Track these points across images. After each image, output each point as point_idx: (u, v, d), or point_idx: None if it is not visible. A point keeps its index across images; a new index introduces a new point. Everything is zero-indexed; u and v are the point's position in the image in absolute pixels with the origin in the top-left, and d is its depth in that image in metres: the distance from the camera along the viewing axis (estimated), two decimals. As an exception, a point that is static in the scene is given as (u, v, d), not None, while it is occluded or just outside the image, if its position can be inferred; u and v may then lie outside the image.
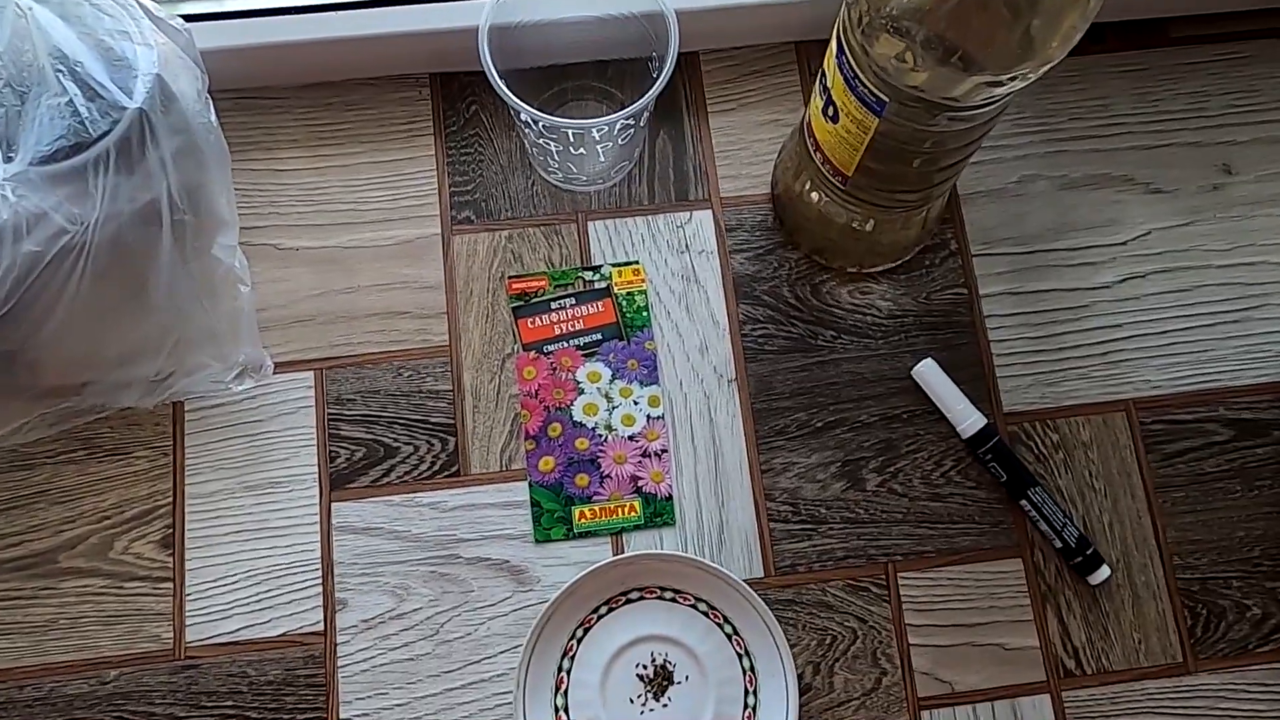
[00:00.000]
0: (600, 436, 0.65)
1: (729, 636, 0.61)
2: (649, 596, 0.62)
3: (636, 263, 0.68)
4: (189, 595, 0.61)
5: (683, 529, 0.64)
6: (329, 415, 0.64)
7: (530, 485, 0.64)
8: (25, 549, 0.62)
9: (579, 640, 0.61)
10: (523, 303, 0.67)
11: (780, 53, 0.72)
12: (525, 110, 0.58)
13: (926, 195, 0.60)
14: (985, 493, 0.65)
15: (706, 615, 0.62)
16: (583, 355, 0.66)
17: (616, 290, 0.67)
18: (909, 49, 0.47)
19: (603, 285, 0.67)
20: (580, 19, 0.64)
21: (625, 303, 0.67)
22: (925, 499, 0.64)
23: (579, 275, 0.67)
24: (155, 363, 0.58)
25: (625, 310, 0.67)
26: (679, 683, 0.61)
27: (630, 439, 0.65)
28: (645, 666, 0.61)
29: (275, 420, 0.64)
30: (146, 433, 0.64)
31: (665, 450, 0.65)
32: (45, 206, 0.47)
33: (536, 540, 0.63)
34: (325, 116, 0.69)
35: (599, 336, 0.66)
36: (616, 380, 0.66)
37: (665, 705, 0.60)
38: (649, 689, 0.61)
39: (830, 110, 0.56)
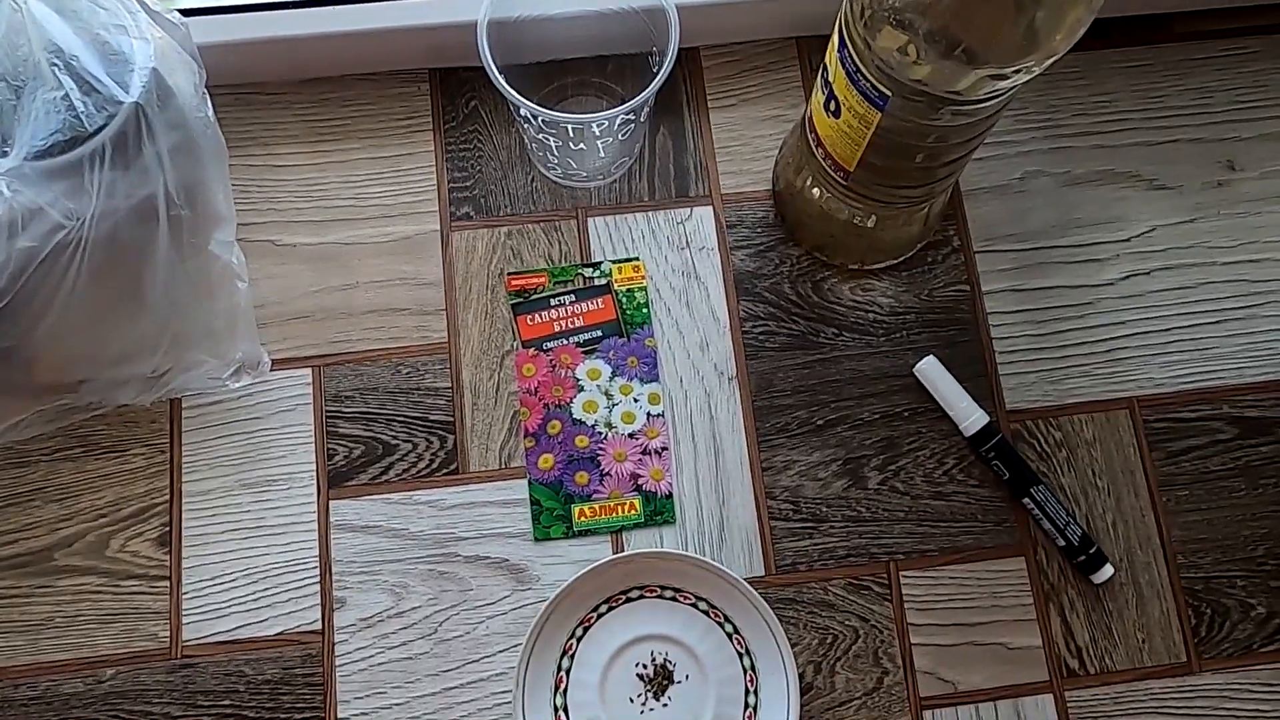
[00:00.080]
0: (600, 434, 0.64)
1: (729, 635, 0.61)
2: (649, 595, 0.61)
3: (637, 259, 0.67)
4: (186, 593, 0.61)
5: (683, 527, 0.63)
6: (327, 412, 0.64)
7: (529, 483, 0.63)
8: (21, 546, 0.62)
9: (578, 639, 0.61)
10: (522, 299, 0.66)
11: (781, 48, 0.71)
12: (525, 105, 0.58)
13: (929, 191, 0.60)
14: (988, 491, 0.64)
15: (707, 614, 0.61)
16: (582, 352, 0.66)
17: (616, 287, 0.67)
18: (912, 42, 0.46)
19: (603, 282, 0.67)
20: (580, 13, 0.64)
21: (625, 299, 0.66)
22: (927, 497, 0.64)
23: (579, 272, 0.67)
24: (152, 359, 0.58)
25: (625, 307, 0.66)
26: (679, 682, 0.60)
27: (630, 436, 0.64)
28: (645, 666, 0.61)
29: (273, 418, 0.64)
30: (143, 430, 0.63)
31: (665, 448, 0.64)
32: (41, 201, 0.46)
33: (536, 538, 0.63)
34: (323, 112, 0.69)
35: (599, 333, 0.66)
36: (616, 377, 0.65)
37: (665, 705, 0.60)
38: (649, 688, 0.60)
39: (832, 105, 0.55)
